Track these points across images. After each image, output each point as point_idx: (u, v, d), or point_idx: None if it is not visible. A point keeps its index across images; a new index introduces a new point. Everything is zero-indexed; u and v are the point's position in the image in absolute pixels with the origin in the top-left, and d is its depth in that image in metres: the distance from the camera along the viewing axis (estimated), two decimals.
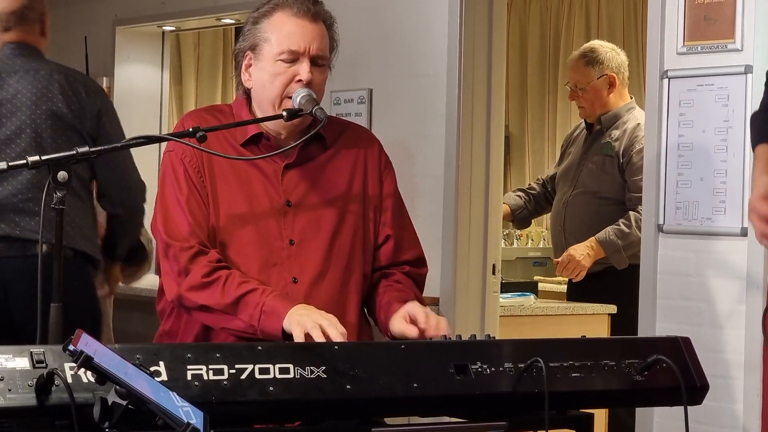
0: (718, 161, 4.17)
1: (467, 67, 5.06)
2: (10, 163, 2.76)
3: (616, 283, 5.46)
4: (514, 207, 5.94)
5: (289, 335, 2.84)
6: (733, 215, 4.13)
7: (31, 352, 2.22)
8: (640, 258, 4.42)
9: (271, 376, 2.39)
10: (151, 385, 2.13)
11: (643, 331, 4.35)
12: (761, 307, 4.00)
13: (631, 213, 5.40)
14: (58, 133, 4.15)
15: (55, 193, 2.70)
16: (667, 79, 4.30)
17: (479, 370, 2.55)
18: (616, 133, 5.56)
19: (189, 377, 2.33)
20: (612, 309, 5.45)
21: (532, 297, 5.58)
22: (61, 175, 2.71)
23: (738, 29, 4.13)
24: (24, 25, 4.31)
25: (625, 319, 5.17)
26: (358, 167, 3.22)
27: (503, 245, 6.40)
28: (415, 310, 2.99)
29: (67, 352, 2.08)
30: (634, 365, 2.69)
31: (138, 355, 2.31)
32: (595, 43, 5.86)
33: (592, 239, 5.46)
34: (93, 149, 2.81)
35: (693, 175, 4.23)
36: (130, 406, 2.09)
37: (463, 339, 2.70)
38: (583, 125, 5.82)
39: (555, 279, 6.81)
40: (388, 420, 2.64)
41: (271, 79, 3.09)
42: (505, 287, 5.51)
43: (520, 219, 6.06)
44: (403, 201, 3.31)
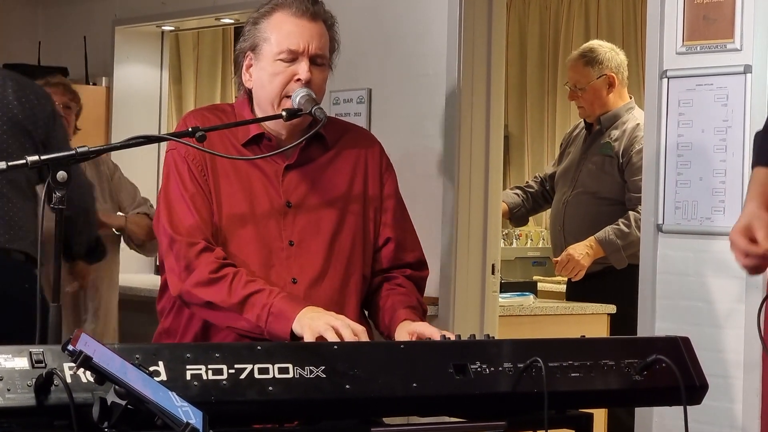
0: (718, 161, 4.17)
1: (466, 67, 5.06)
2: (9, 163, 2.75)
3: (615, 282, 5.46)
4: (512, 205, 5.94)
5: (298, 338, 2.83)
6: (732, 215, 4.12)
7: (30, 352, 2.22)
8: (640, 258, 4.42)
9: (270, 375, 2.39)
10: (150, 385, 2.13)
11: (642, 330, 4.34)
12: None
13: (630, 213, 5.40)
14: (13, 138, 4.09)
15: (54, 194, 2.70)
16: (666, 78, 4.30)
17: (478, 369, 2.55)
18: (615, 133, 5.56)
19: (188, 377, 2.33)
20: (611, 309, 5.45)
21: (532, 297, 5.58)
22: (61, 175, 2.70)
23: (737, 29, 4.13)
24: None
25: (624, 319, 5.17)
26: (359, 168, 3.22)
27: (502, 245, 6.40)
28: (427, 332, 2.94)
29: (66, 352, 2.07)
30: (633, 365, 2.69)
31: (137, 355, 2.30)
32: (595, 43, 5.86)
33: (592, 239, 5.46)
34: (92, 149, 2.80)
35: (692, 175, 4.23)
36: (129, 406, 2.09)
37: (462, 339, 2.70)
38: (582, 124, 5.82)
39: (554, 279, 6.81)
40: (387, 420, 2.64)
41: (270, 79, 3.10)
42: (505, 287, 5.51)
43: (517, 217, 6.06)
44: (404, 204, 3.31)
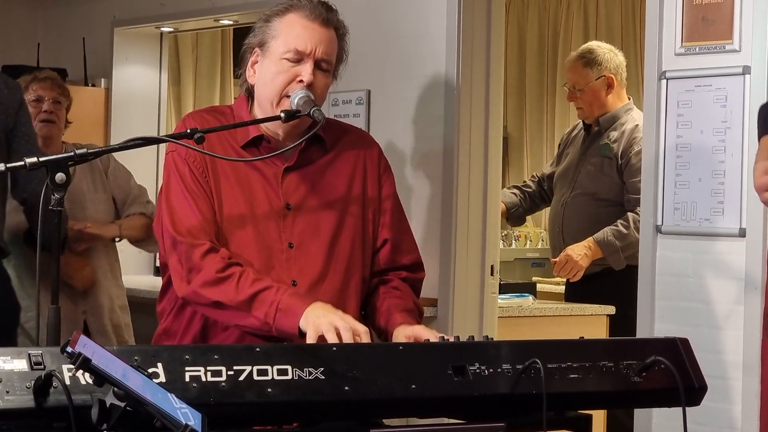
0: (717, 162, 4.17)
1: (465, 68, 5.05)
2: (8, 165, 2.75)
3: (614, 284, 5.46)
4: (510, 205, 5.94)
5: (305, 334, 2.84)
6: (731, 216, 4.13)
7: (29, 354, 2.21)
8: (639, 259, 4.42)
9: (269, 377, 2.39)
10: (149, 386, 2.12)
11: (641, 331, 4.34)
12: (760, 308, 4.00)
13: (629, 214, 5.40)
14: None
15: (53, 195, 2.70)
16: (665, 79, 4.30)
17: (477, 371, 2.55)
18: (614, 134, 5.56)
19: (187, 379, 2.33)
20: (610, 310, 5.45)
21: (531, 298, 5.58)
22: (59, 176, 2.70)
23: (736, 30, 4.13)
24: None
25: (623, 320, 5.17)
26: (358, 170, 3.22)
27: (501, 246, 6.40)
28: (422, 335, 2.95)
29: (65, 354, 2.07)
30: (632, 366, 2.69)
31: (136, 357, 2.30)
32: (593, 44, 5.86)
33: (590, 239, 5.46)
34: (90, 151, 2.80)
35: (691, 176, 4.23)
36: (128, 408, 2.09)
37: (461, 340, 2.70)
38: (580, 125, 5.82)
39: (553, 280, 6.81)
40: (386, 421, 2.64)
41: (273, 77, 3.10)
42: (504, 288, 5.51)
43: (515, 217, 6.06)
44: (402, 206, 3.31)
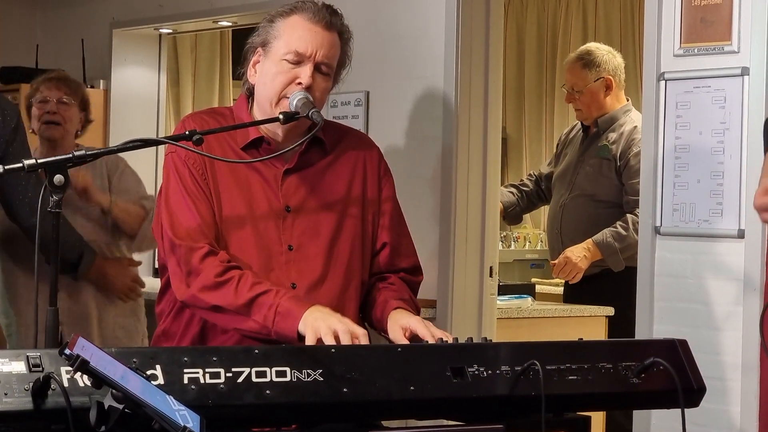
0: (715, 163, 4.17)
1: (464, 69, 5.05)
2: (6, 167, 2.75)
3: (613, 285, 5.46)
4: (507, 204, 5.94)
5: (304, 337, 2.84)
6: (730, 217, 4.13)
7: (27, 356, 2.22)
8: (638, 260, 4.42)
9: (267, 379, 2.39)
10: (147, 388, 2.12)
11: (640, 333, 4.34)
12: (758, 309, 4.00)
13: (628, 215, 5.40)
14: None
15: (52, 197, 2.70)
16: (663, 81, 4.30)
17: (476, 373, 2.55)
18: (612, 135, 5.56)
19: (185, 381, 2.33)
20: (609, 311, 5.44)
21: (530, 299, 5.57)
22: (58, 178, 2.70)
23: (734, 31, 4.13)
24: None
25: (622, 322, 5.17)
26: (358, 172, 3.22)
27: (500, 247, 6.40)
28: (417, 326, 2.96)
29: (63, 356, 2.07)
30: (631, 368, 2.69)
31: (134, 359, 2.30)
32: (592, 45, 5.86)
33: (589, 241, 5.46)
34: (89, 152, 2.80)
35: (690, 177, 4.23)
36: (126, 410, 2.09)
37: (459, 342, 2.70)
38: (579, 126, 5.82)
39: (552, 281, 6.80)
40: (385, 423, 2.64)
41: (273, 77, 3.10)
42: (503, 289, 5.50)
43: (511, 216, 6.06)
44: (401, 209, 3.31)
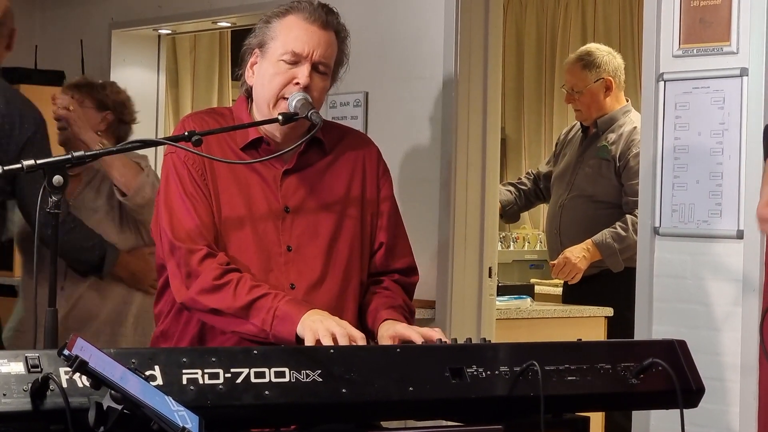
0: (714, 164, 4.17)
1: (463, 69, 5.05)
2: (5, 167, 2.75)
3: (612, 286, 5.46)
4: (505, 203, 5.93)
5: (302, 340, 2.84)
6: (729, 218, 4.13)
7: (26, 357, 2.21)
8: (637, 261, 4.42)
9: (266, 380, 2.39)
10: (146, 389, 2.12)
11: (639, 333, 4.34)
12: (757, 310, 4.00)
13: (628, 216, 5.40)
14: None
15: (51, 198, 2.70)
16: (662, 81, 4.30)
17: (475, 373, 2.55)
18: (612, 136, 5.56)
19: (184, 381, 2.33)
20: (608, 312, 5.44)
21: (529, 300, 5.57)
22: (57, 179, 2.70)
23: (733, 32, 4.13)
24: None
25: (621, 322, 5.17)
26: (357, 172, 3.22)
27: (499, 248, 6.40)
28: (402, 332, 2.95)
29: (62, 357, 2.07)
30: (630, 368, 2.69)
31: (133, 360, 2.30)
32: (592, 46, 5.86)
33: (589, 241, 5.46)
34: (88, 153, 2.80)
35: (689, 178, 4.23)
36: (125, 411, 2.09)
37: (458, 342, 2.69)
38: (578, 126, 5.82)
39: (551, 282, 6.80)
40: (383, 424, 2.64)
41: (270, 78, 3.10)
42: (502, 290, 5.50)
43: (509, 215, 6.06)
44: (399, 209, 3.31)
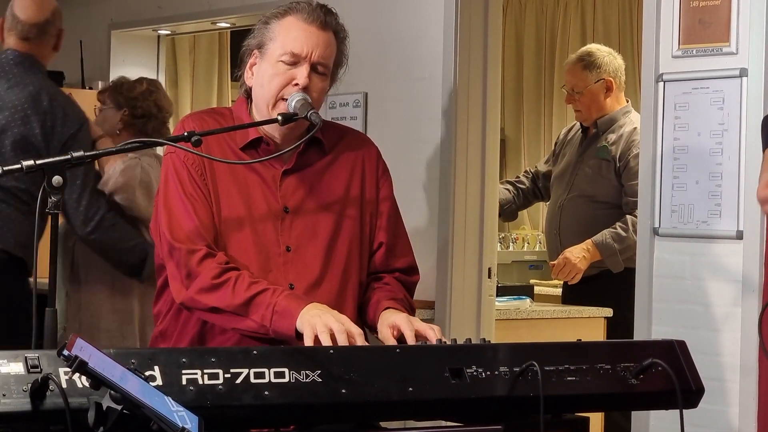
0: (714, 164, 4.17)
1: (463, 70, 5.06)
2: (5, 168, 2.75)
3: (611, 286, 5.46)
4: (503, 201, 5.93)
5: (302, 335, 2.84)
6: (728, 218, 4.13)
7: (25, 357, 2.21)
8: (636, 261, 4.42)
9: (266, 380, 2.39)
10: (145, 389, 2.12)
11: (638, 334, 4.34)
12: (757, 310, 4.00)
13: (628, 217, 5.40)
14: (20, 151, 4.15)
15: (50, 198, 2.70)
16: (662, 82, 4.30)
17: (474, 374, 2.55)
18: (612, 137, 5.56)
19: (184, 382, 2.33)
20: (608, 312, 5.44)
21: (528, 300, 5.57)
22: (56, 179, 2.70)
23: (733, 32, 4.13)
24: (41, 39, 4.38)
25: (620, 323, 5.17)
26: (356, 172, 3.22)
27: (499, 248, 6.40)
28: (401, 323, 2.96)
29: (61, 357, 2.07)
30: (629, 369, 2.69)
31: (133, 360, 2.30)
32: (593, 46, 5.86)
33: (589, 242, 5.46)
34: (87, 153, 2.80)
35: (688, 179, 4.23)
36: (124, 411, 2.09)
37: (458, 343, 2.69)
38: (578, 126, 5.81)
39: (551, 282, 6.80)
40: (383, 424, 2.64)
41: (270, 79, 3.10)
42: (501, 291, 5.50)
43: (507, 213, 6.05)
44: (399, 208, 3.31)
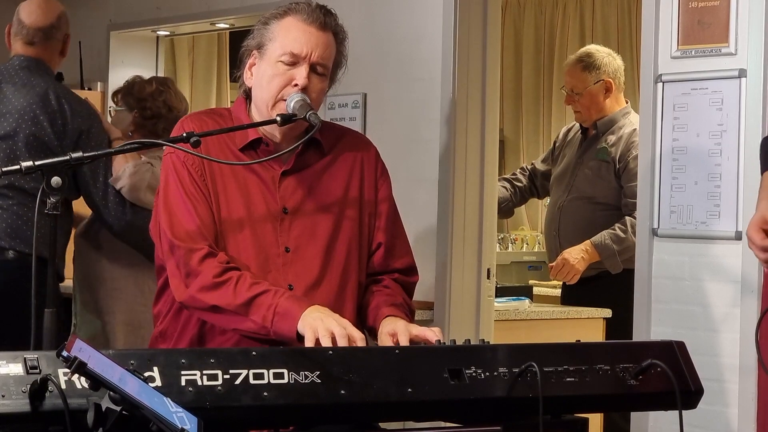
0: (713, 165, 4.17)
1: (462, 71, 5.06)
2: (4, 169, 2.75)
3: (610, 287, 5.46)
4: (500, 199, 5.92)
5: (303, 337, 2.84)
6: (727, 219, 4.13)
7: (24, 358, 2.21)
8: (635, 262, 4.42)
9: (265, 381, 2.39)
10: (145, 390, 2.12)
11: (637, 335, 4.34)
12: (756, 311, 4.00)
13: (627, 218, 5.40)
14: (35, 151, 4.18)
15: (49, 199, 2.70)
16: (661, 83, 4.30)
17: (473, 374, 2.55)
18: (612, 138, 5.56)
19: (183, 383, 2.32)
20: (607, 313, 5.44)
21: (527, 301, 5.57)
22: (55, 180, 2.71)
23: (732, 33, 4.13)
24: (47, 43, 4.43)
25: (619, 323, 5.17)
26: (355, 173, 3.22)
27: (498, 249, 6.39)
28: (398, 329, 2.96)
29: (60, 358, 2.07)
30: (628, 369, 2.68)
31: (132, 361, 2.30)
32: (592, 47, 5.86)
33: (587, 242, 5.46)
34: (86, 154, 2.81)
35: (687, 179, 4.23)
36: (123, 412, 2.09)
37: (457, 344, 2.69)
38: (577, 126, 5.81)
39: (550, 283, 6.80)
40: (382, 425, 2.64)
41: (269, 80, 3.10)
42: (500, 291, 5.50)
43: (504, 211, 6.05)
44: (398, 209, 3.31)
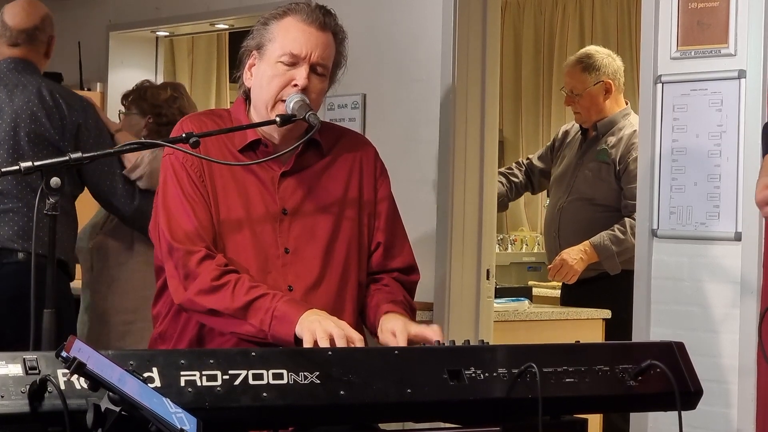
0: (712, 166, 4.17)
1: (461, 71, 5.06)
2: (3, 169, 2.75)
3: (610, 288, 5.46)
4: (497, 195, 5.92)
5: (301, 341, 2.84)
6: (727, 220, 4.13)
7: (24, 359, 2.21)
8: (635, 263, 4.42)
9: (264, 381, 2.39)
10: (144, 391, 2.12)
11: (637, 335, 4.35)
12: (755, 312, 4.00)
13: (626, 219, 5.40)
14: (38, 148, 4.20)
15: (48, 199, 2.70)
16: (660, 83, 4.30)
17: (473, 375, 2.55)
18: (612, 139, 5.55)
19: (182, 383, 2.32)
20: (606, 314, 5.44)
21: (527, 302, 5.57)
22: (54, 181, 2.70)
23: (731, 34, 4.13)
24: (31, 45, 4.45)
25: (619, 324, 5.17)
26: (354, 173, 3.22)
27: (497, 250, 6.40)
28: (397, 327, 2.96)
29: (60, 359, 2.07)
30: (627, 370, 2.68)
31: (131, 361, 2.30)
32: (592, 48, 5.85)
33: (586, 243, 5.45)
34: (86, 155, 2.81)
35: (687, 180, 4.23)
36: (123, 413, 2.09)
37: (456, 344, 2.69)
38: (577, 127, 5.81)
39: (549, 284, 6.80)
40: (381, 425, 2.64)
41: (269, 80, 3.10)
42: (500, 292, 5.50)
43: (499, 206, 6.03)
44: (398, 209, 3.31)
